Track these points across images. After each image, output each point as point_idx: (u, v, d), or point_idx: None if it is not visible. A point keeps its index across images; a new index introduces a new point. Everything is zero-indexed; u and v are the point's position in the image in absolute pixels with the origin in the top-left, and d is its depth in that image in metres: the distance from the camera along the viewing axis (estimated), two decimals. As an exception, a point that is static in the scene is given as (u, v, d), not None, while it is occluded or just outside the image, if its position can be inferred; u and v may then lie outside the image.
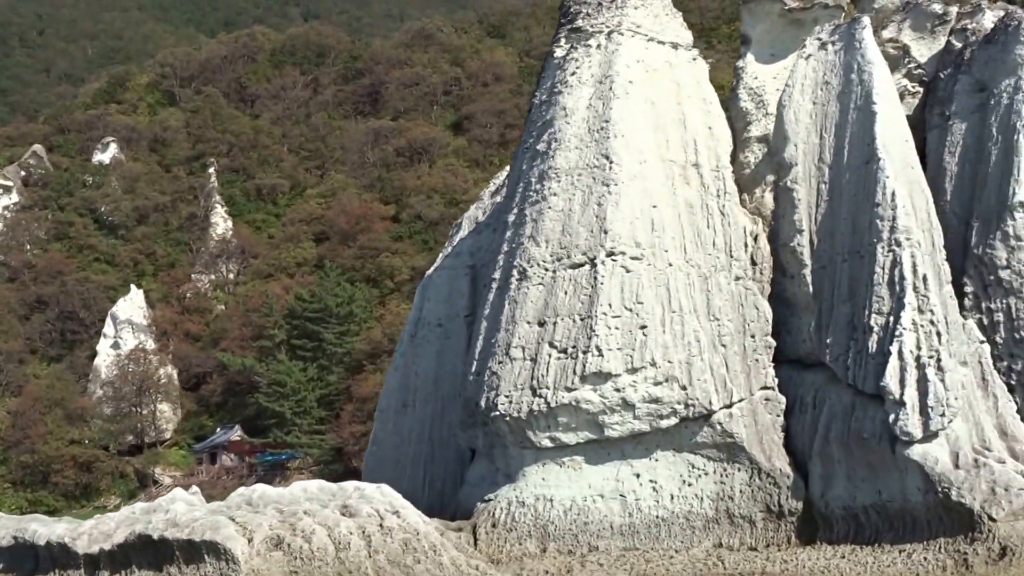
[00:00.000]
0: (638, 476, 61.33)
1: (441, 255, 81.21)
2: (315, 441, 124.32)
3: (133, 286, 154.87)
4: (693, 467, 61.48)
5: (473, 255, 74.40)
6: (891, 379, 56.61)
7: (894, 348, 57.10)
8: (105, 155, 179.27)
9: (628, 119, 62.85)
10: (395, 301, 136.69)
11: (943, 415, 56.06)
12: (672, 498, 61.25)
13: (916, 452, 56.29)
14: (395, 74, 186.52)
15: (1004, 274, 65.75)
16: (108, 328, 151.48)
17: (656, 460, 61.33)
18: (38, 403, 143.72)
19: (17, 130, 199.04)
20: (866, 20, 66.04)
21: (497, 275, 64.89)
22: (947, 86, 72.00)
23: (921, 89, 74.33)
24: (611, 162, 61.95)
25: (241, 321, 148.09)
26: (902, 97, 73.53)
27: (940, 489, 55.63)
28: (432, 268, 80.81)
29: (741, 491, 61.16)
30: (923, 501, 56.51)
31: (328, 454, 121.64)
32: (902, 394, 56.32)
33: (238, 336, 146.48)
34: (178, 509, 47.77)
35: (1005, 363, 66.06)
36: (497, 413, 60.97)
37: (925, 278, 58.43)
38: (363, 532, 45.45)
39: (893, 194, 59.71)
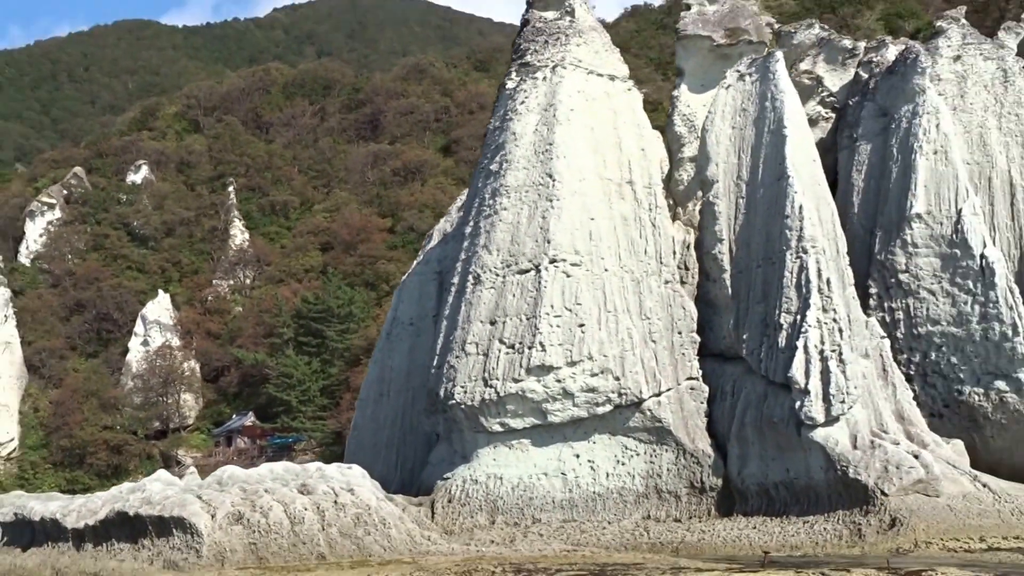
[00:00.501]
0: (578, 457, 61.03)
1: (415, 262, 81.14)
2: (318, 426, 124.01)
3: (161, 291, 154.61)
4: (626, 448, 61.21)
5: (440, 262, 74.19)
6: (797, 370, 56.48)
7: (800, 343, 56.97)
8: (137, 176, 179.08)
9: (569, 142, 62.62)
10: (390, 303, 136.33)
11: (843, 402, 55.92)
12: (607, 476, 60.98)
13: (819, 435, 56.08)
14: (392, 104, 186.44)
15: (903, 277, 65.60)
16: (138, 327, 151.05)
17: (594, 442, 61.05)
18: (76, 394, 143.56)
19: (61, 154, 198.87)
20: (779, 55, 65.88)
21: (456, 280, 64.72)
22: (855, 112, 71.87)
23: (833, 115, 74.18)
24: (554, 180, 61.73)
25: (255, 321, 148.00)
26: (816, 122, 73.45)
27: (839, 467, 55.40)
28: (407, 274, 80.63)
29: (668, 469, 60.93)
30: (825, 478, 56.29)
31: (329, 437, 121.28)
32: (807, 383, 56.20)
33: (252, 334, 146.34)
34: (153, 489, 47.40)
35: (905, 356, 65.90)
36: (454, 401, 60.81)
37: (829, 281, 58.25)
38: (317, 508, 45.01)
39: (801, 207, 59.56)
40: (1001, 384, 63.13)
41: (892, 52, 72.19)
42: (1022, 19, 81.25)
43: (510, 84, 66.27)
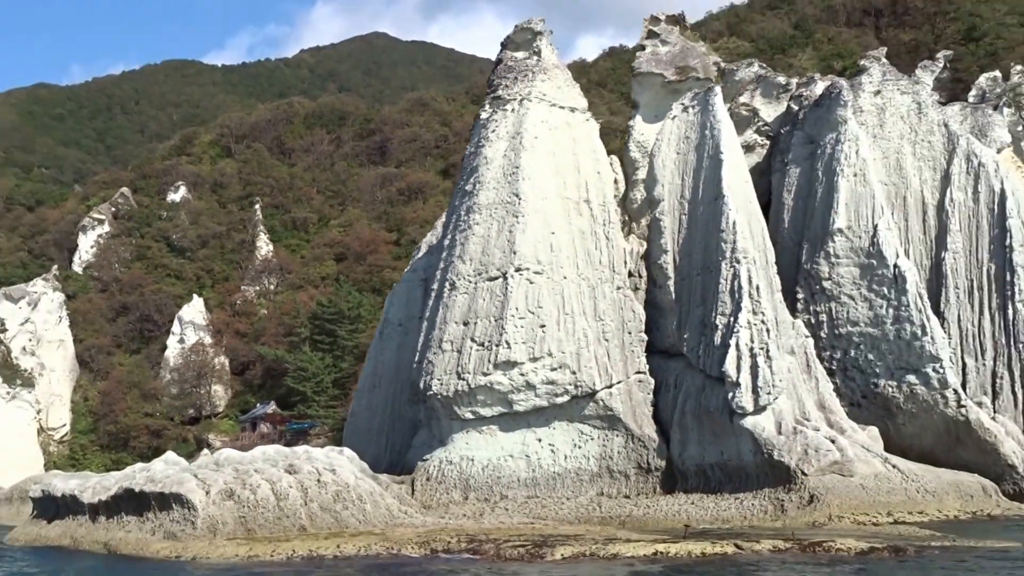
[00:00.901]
0: (540, 441, 60.70)
1: (405, 270, 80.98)
2: (330, 413, 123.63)
3: (195, 295, 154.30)
4: (582, 434, 60.85)
5: (425, 271, 73.92)
6: (730, 366, 56.31)
7: (733, 341, 56.81)
8: (176, 195, 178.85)
9: (533, 166, 62.35)
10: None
11: (769, 393, 55.75)
12: (566, 458, 60.65)
13: (748, 422, 55.90)
14: (398, 133, 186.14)
15: (827, 284, 65.44)
16: (175, 327, 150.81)
17: (554, 428, 60.71)
18: (121, 385, 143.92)
19: (110, 176, 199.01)
20: (717, 90, 65.69)
21: (436, 286, 64.48)
22: (787, 139, 71.68)
23: (768, 142, 73.96)
24: (520, 199, 61.46)
25: (276, 321, 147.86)
26: (753, 148, 73.28)
27: (766, 451, 55.18)
28: (398, 281, 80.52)
29: (619, 452, 60.59)
30: (753, 460, 56.10)
31: (340, 423, 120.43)
32: (738, 377, 56.08)
33: (274, 333, 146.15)
34: (157, 468, 47.19)
35: (828, 353, 65.72)
36: (432, 392, 60.55)
37: (758, 287, 58.09)
38: (301, 486, 44.64)
39: (734, 223, 59.37)
40: (912, 378, 62.93)
41: (819, 87, 72.01)
42: (936, 58, 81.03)
43: (484, 115, 66.05)
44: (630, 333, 62.57)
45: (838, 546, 36.58)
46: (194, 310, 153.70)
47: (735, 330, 57.14)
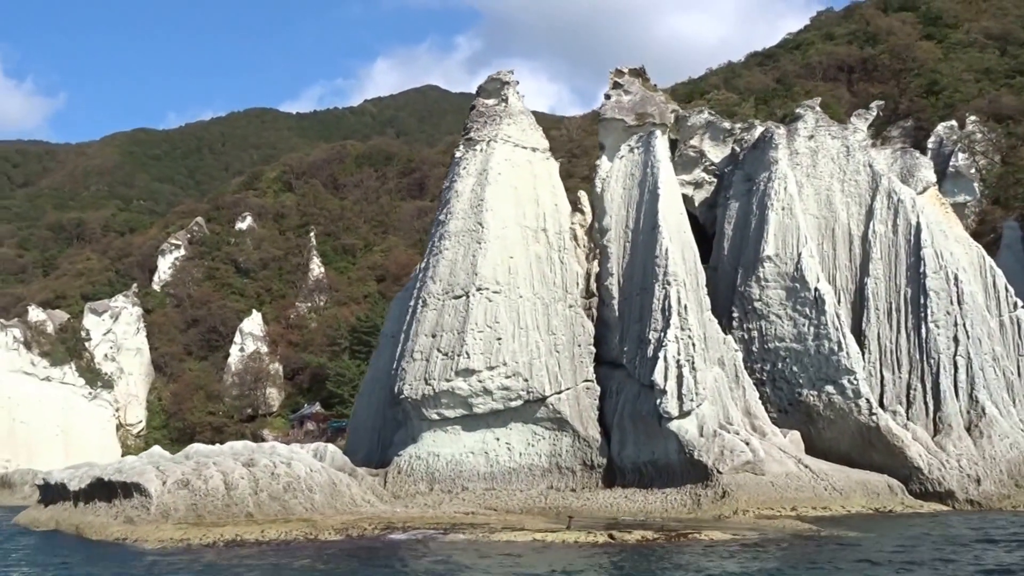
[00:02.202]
0: (498, 439, 59.78)
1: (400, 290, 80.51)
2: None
3: (255, 310, 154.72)
4: (535, 434, 59.87)
5: (410, 290, 72.99)
6: (658, 375, 55.16)
7: (661, 354, 55.65)
8: (243, 224, 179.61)
9: (496, 198, 61.57)
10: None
11: (692, 400, 54.58)
12: (520, 455, 59.68)
13: (674, 425, 54.71)
14: (435, 171, 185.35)
15: (757, 305, 64.07)
16: (237, 338, 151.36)
17: (510, 429, 59.76)
18: (189, 387, 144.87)
19: (188, 207, 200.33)
20: (658, 133, 64.77)
21: (412, 303, 63.73)
22: (729, 177, 70.40)
23: (715, 180, 72.45)
24: (482, 227, 60.71)
25: (322, 333, 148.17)
26: (701, 185, 72.11)
27: (687, 451, 54.00)
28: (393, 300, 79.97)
29: (567, 450, 59.53)
30: (678, 459, 54.87)
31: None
32: (665, 385, 54.92)
33: (320, 343, 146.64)
34: (127, 461, 46.67)
35: (759, 365, 64.30)
36: (403, 396, 59.85)
37: (686, 307, 56.95)
38: (253, 477, 43.85)
39: (667, 250, 58.27)
40: (829, 388, 61.37)
41: (757, 132, 70.59)
42: (870, 107, 79.54)
43: (458, 154, 65.45)
44: (580, 346, 61.46)
45: (701, 537, 35.24)
46: (253, 323, 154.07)
47: (664, 344, 55.96)
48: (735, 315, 65.01)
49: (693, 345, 55.95)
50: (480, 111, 65.66)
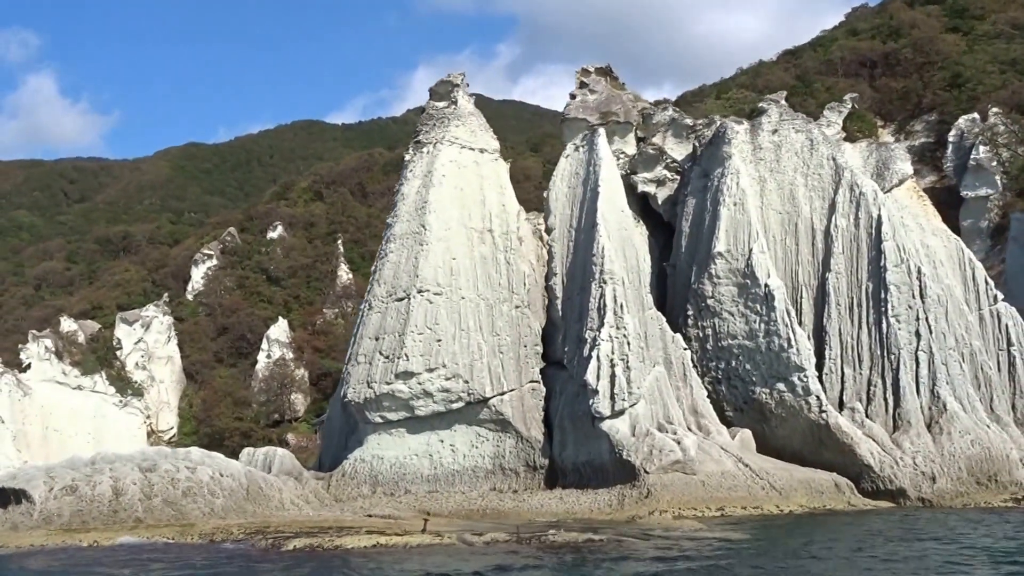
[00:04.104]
0: (442, 441, 58.89)
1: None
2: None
3: (281, 317, 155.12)
4: (479, 435, 58.91)
5: (378, 294, 72.52)
6: (591, 375, 53.93)
7: (595, 353, 54.44)
8: (275, 233, 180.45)
9: (440, 200, 60.70)
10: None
11: (624, 400, 53.29)
12: (464, 456, 58.74)
13: (606, 425, 53.47)
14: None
15: (710, 302, 62.43)
16: (264, 345, 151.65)
17: (455, 431, 58.82)
18: (217, 394, 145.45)
19: (222, 218, 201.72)
20: (601, 131, 63.52)
21: (362, 307, 63.06)
22: (688, 174, 68.90)
23: (678, 177, 70.78)
24: (425, 229, 59.88)
25: (345, 339, 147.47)
26: (664, 182, 70.67)
27: (617, 451, 52.80)
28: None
29: (510, 452, 58.56)
30: (610, 459, 53.63)
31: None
32: (597, 385, 53.63)
33: (343, 349, 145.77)
34: (26, 467, 46.38)
35: (714, 363, 62.73)
36: (347, 400, 59.32)
37: (622, 305, 55.60)
38: (148, 482, 43.35)
39: (604, 248, 56.97)
40: (781, 386, 59.58)
41: (715, 128, 68.93)
42: (844, 100, 77.49)
43: (407, 157, 64.78)
44: (525, 346, 60.39)
45: (551, 539, 33.94)
46: (279, 330, 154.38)
47: (597, 343, 54.58)
48: (689, 313, 63.43)
49: (628, 344, 54.54)
50: (430, 114, 64.86)
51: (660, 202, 70.94)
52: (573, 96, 72.34)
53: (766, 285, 60.26)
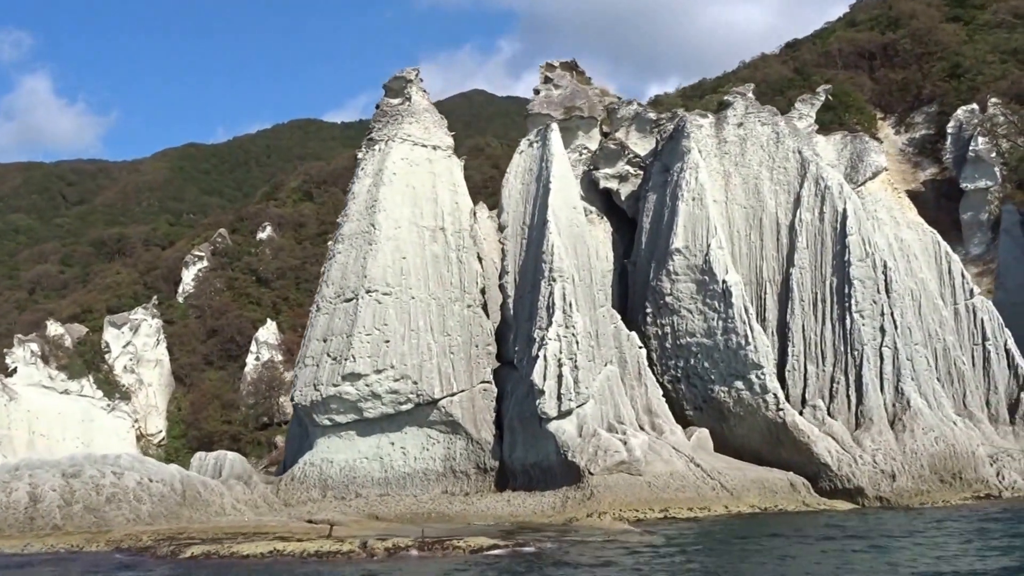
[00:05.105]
0: (393, 444, 58.74)
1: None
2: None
3: (269, 319, 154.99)
4: (430, 437, 58.70)
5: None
6: (537, 375, 53.65)
7: (542, 353, 54.06)
8: (264, 234, 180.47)
9: (390, 198, 60.47)
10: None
11: (571, 400, 52.98)
12: (415, 459, 58.54)
13: (552, 426, 53.15)
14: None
15: (668, 299, 62.06)
16: (253, 347, 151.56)
17: (405, 433, 58.65)
18: (206, 396, 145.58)
19: (214, 220, 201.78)
20: (555, 126, 63.18)
21: (312, 309, 62.89)
22: (650, 169, 68.48)
23: (641, 172, 70.39)
24: (375, 228, 59.66)
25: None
26: (627, 178, 70.40)
27: (563, 452, 52.49)
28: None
29: (461, 454, 58.29)
30: (557, 460, 53.33)
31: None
32: (543, 385, 53.35)
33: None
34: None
35: (673, 362, 62.38)
36: (295, 403, 59.19)
37: (572, 304, 55.24)
38: (70, 489, 43.16)
39: (553, 245, 56.62)
40: (739, 384, 59.17)
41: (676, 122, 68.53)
42: (817, 92, 76.97)
43: (360, 155, 64.62)
44: (477, 346, 60.14)
45: (456, 544, 33.66)
46: (268, 332, 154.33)
47: (545, 342, 54.25)
48: (648, 310, 63.07)
49: (577, 343, 54.18)
50: (383, 111, 64.67)
51: (623, 198, 70.65)
52: (537, 91, 72.21)
53: (724, 281, 59.83)
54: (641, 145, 70.92)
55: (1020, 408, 65.48)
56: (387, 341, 57.20)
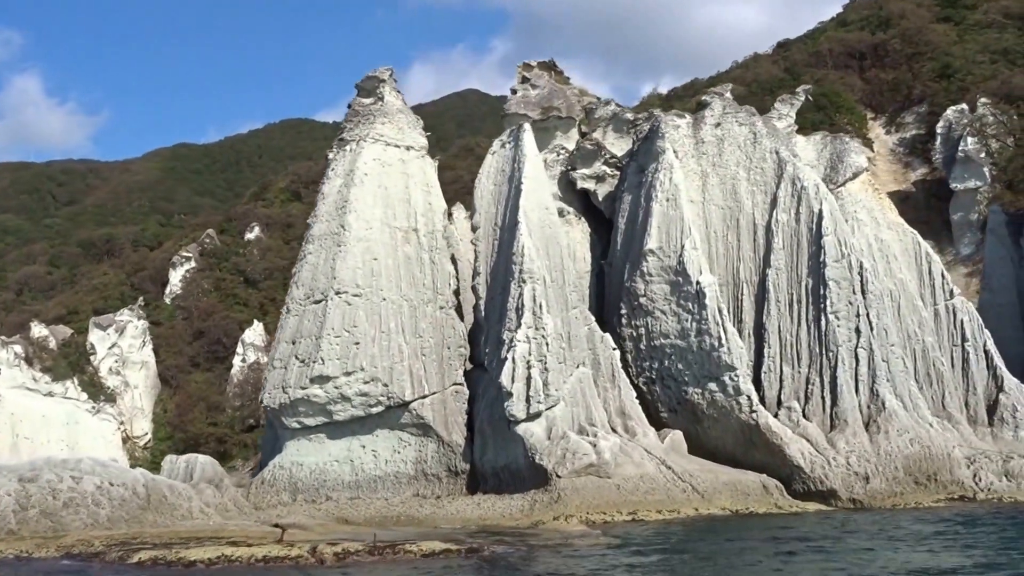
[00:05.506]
0: (364, 447, 58.60)
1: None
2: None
3: (256, 320, 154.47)
4: (401, 440, 58.60)
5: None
6: (506, 377, 53.54)
7: (510, 355, 53.95)
8: (252, 235, 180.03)
9: (361, 199, 60.30)
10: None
11: (540, 402, 52.90)
12: (386, 462, 58.44)
13: (521, 428, 53.08)
14: (445, 175, 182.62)
15: (643, 300, 61.94)
16: (239, 349, 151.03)
17: (376, 436, 58.54)
18: (192, 398, 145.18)
19: (203, 220, 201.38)
20: (527, 126, 62.98)
21: (282, 311, 62.73)
22: (626, 170, 68.39)
23: (618, 172, 70.27)
24: (344, 230, 59.49)
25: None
26: (604, 178, 70.34)
27: (531, 455, 52.36)
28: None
29: (432, 456, 58.19)
30: (525, 463, 53.24)
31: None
32: (512, 387, 53.26)
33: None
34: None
35: (647, 363, 62.29)
36: (264, 405, 59.03)
37: (542, 305, 55.12)
38: (26, 493, 42.89)
39: (523, 247, 56.49)
40: (712, 385, 59.06)
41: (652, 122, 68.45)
42: (797, 92, 76.85)
43: (330, 155, 64.46)
44: (449, 348, 60.01)
45: (408, 548, 33.52)
46: (254, 333, 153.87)
47: (513, 344, 54.14)
48: (623, 312, 62.98)
49: (547, 345, 54.06)
50: (355, 110, 64.50)
51: (600, 199, 70.57)
52: (514, 91, 72.05)
53: (697, 283, 59.74)
54: (618, 145, 70.82)
55: (999, 409, 65.37)
56: (357, 343, 57.05)
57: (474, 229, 62.44)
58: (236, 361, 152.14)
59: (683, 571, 30.96)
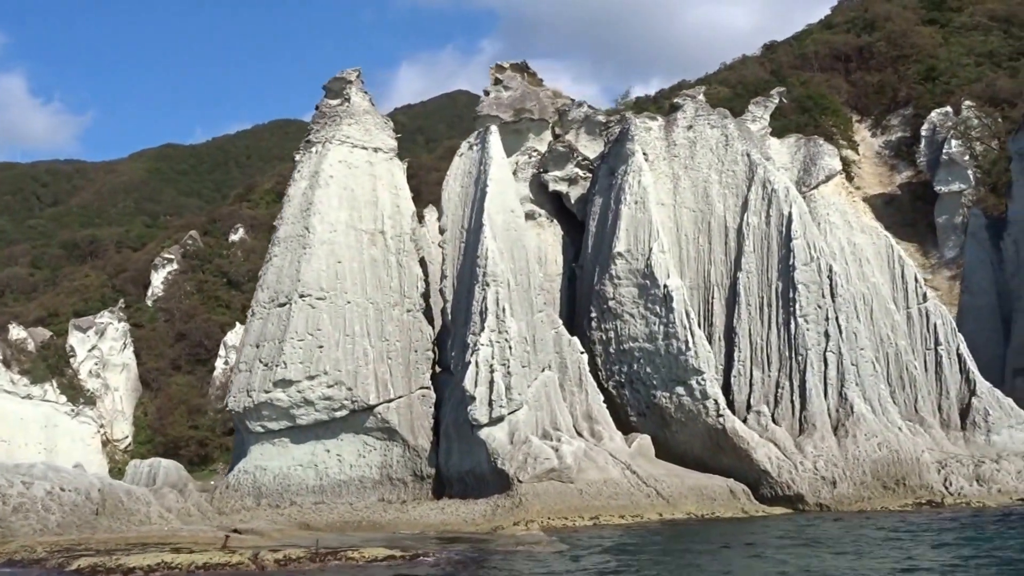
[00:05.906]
0: (328, 451, 58.28)
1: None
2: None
3: (238, 323, 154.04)
4: (366, 444, 58.33)
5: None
6: (468, 381, 53.37)
7: (473, 358, 53.72)
8: (236, 236, 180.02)
9: (326, 201, 60.06)
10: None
11: (503, 407, 52.74)
12: (351, 467, 58.16)
13: (483, 433, 52.89)
14: (430, 176, 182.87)
15: (611, 303, 61.74)
16: (221, 351, 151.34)
17: (341, 440, 58.24)
18: (173, 401, 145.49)
19: (185, 222, 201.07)
20: (494, 128, 62.67)
21: (248, 314, 62.49)
22: (597, 172, 68.21)
23: (590, 175, 70.16)
24: (309, 232, 59.24)
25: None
26: (576, 181, 70.23)
27: (493, 459, 52.13)
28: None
29: (398, 461, 57.98)
30: (488, 468, 53.08)
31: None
32: (475, 391, 53.03)
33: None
34: None
35: (616, 367, 62.07)
36: (229, 409, 58.77)
37: (505, 309, 54.97)
38: (-27, 498, 42.54)
39: (488, 249, 56.28)
40: (680, 389, 58.87)
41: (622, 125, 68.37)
42: (771, 94, 76.81)
43: (297, 157, 64.17)
44: (416, 352, 59.80)
45: (350, 555, 33.34)
46: (237, 336, 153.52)
47: (476, 348, 53.98)
48: (592, 315, 62.83)
49: (511, 348, 53.88)
50: (322, 112, 64.27)
51: (573, 201, 70.47)
52: (487, 93, 71.92)
53: (665, 286, 59.57)
54: (591, 148, 70.71)
55: (971, 413, 65.39)
56: (320, 347, 56.84)
57: (442, 231, 62.31)
58: (218, 364, 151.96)
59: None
